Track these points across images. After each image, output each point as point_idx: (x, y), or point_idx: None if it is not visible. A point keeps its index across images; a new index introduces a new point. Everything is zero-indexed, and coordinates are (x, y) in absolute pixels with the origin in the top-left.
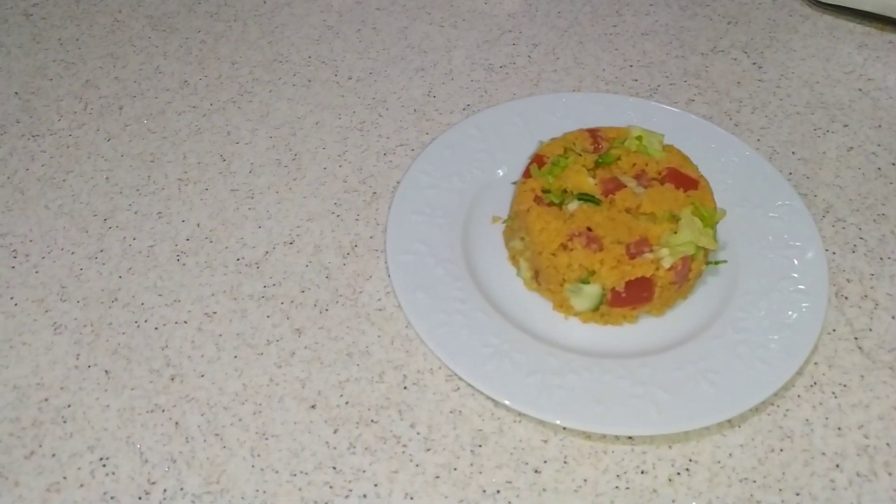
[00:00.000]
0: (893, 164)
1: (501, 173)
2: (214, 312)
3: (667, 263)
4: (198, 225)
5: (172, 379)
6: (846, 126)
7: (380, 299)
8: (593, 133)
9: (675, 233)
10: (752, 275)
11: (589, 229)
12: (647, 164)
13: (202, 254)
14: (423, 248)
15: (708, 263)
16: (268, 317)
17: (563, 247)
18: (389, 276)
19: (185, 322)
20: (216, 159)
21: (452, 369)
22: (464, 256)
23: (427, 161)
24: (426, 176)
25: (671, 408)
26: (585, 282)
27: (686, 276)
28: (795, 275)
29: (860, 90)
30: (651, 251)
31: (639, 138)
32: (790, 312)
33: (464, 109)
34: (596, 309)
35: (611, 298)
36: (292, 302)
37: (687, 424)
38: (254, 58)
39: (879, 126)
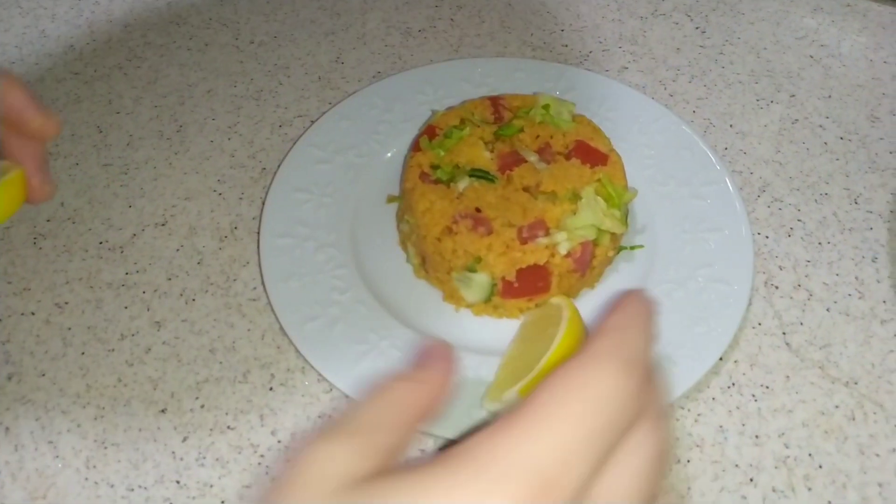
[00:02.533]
0: (841, 139)
1: (405, 148)
2: (66, 303)
3: (563, 249)
4: (62, 204)
5: (10, 378)
6: (793, 96)
7: (255, 288)
8: (495, 101)
9: (575, 214)
10: (670, 262)
11: (478, 210)
12: (552, 137)
13: (62, 236)
14: (303, 231)
15: (621, 249)
16: (125, 308)
17: (449, 230)
18: (259, 261)
19: (33, 313)
20: (92, 131)
21: (318, 370)
22: (350, 240)
23: (320, 133)
24: (317, 150)
25: None
26: (473, 270)
27: (588, 263)
28: (716, 262)
29: (811, 57)
30: (547, 235)
31: (546, 107)
32: (707, 304)
33: (373, 77)
34: (488, 300)
35: (503, 289)
36: (155, 291)
37: None
38: (149, 20)
39: (829, 96)
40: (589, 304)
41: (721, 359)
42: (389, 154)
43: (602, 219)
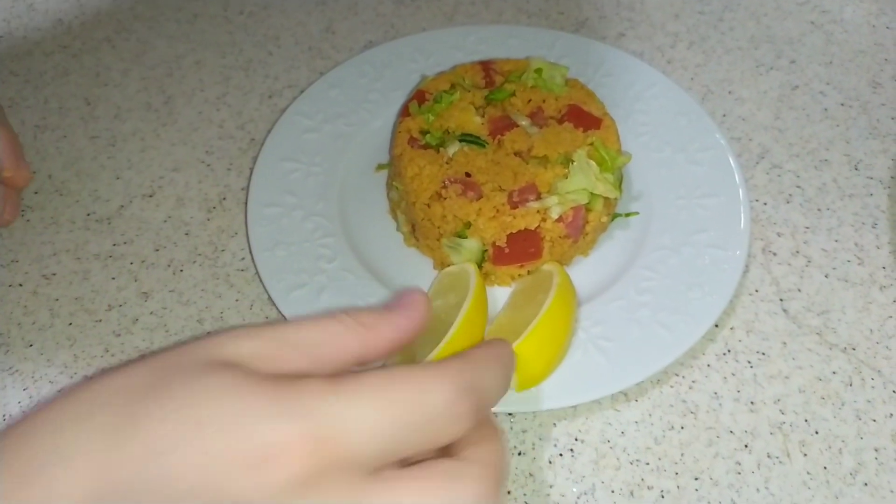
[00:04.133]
0: (842, 105)
1: (394, 116)
2: (53, 274)
3: (555, 214)
4: (49, 176)
5: None
6: (793, 62)
7: (243, 258)
8: (486, 66)
9: (567, 178)
10: (665, 228)
11: (468, 175)
12: (544, 101)
13: (49, 208)
14: (291, 200)
15: (616, 216)
16: (113, 279)
17: (438, 195)
18: (247, 230)
19: (21, 285)
20: (80, 103)
21: None
22: (339, 209)
23: (308, 101)
24: (305, 118)
25: (557, 380)
26: (463, 236)
27: (581, 228)
28: (712, 228)
29: (812, 23)
30: (538, 200)
31: (538, 71)
32: (702, 271)
33: (365, 47)
34: (479, 267)
35: (493, 255)
36: (143, 262)
37: (573, 398)
38: None
39: (830, 63)
40: (582, 271)
41: (716, 325)
42: (379, 123)
43: (594, 183)
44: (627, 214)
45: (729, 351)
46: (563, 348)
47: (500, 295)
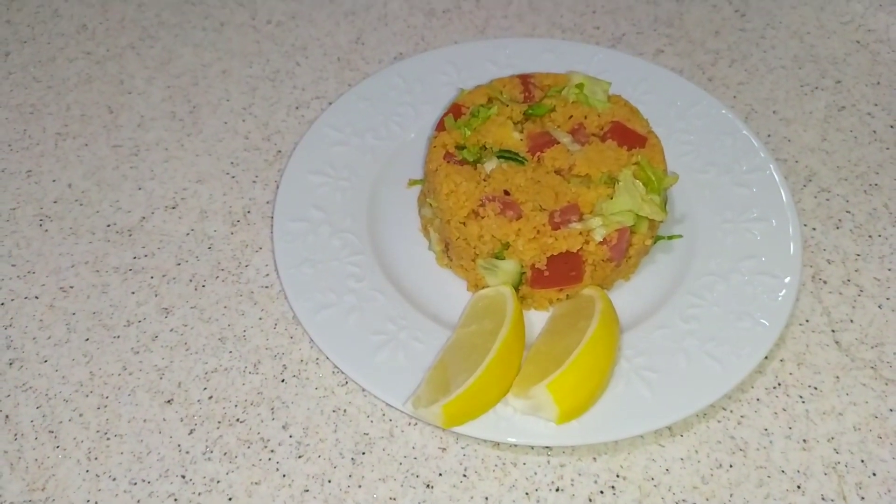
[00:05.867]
0: (892, 127)
1: (426, 130)
2: (71, 287)
3: (598, 236)
4: (69, 185)
5: (11, 364)
6: (839, 83)
7: (268, 275)
8: (525, 80)
9: (612, 199)
10: (711, 253)
11: (507, 193)
12: (586, 117)
13: (69, 218)
14: (318, 215)
15: (658, 238)
16: (132, 293)
17: (475, 214)
18: (273, 245)
19: (37, 297)
20: (102, 111)
21: (332, 360)
22: (368, 226)
23: (337, 114)
24: (334, 131)
25: (598, 412)
26: (500, 257)
27: (625, 251)
28: (762, 254)
29: (858, 42)
30: (580, 221)
31: (580, 86)
32: (752, 299)
33: (395, 59)
34: (516, 290)
35: (532, 277)
36: (164, 276)
37: (615, 433)
38: None
39: (878, 83)
40: (624, 296)
41: (766, 357)
42: (411, 136)
43: (640, 204)
44: (671, 237)
45: (779, 384)
46: (605, 379)
47: (536, 319)
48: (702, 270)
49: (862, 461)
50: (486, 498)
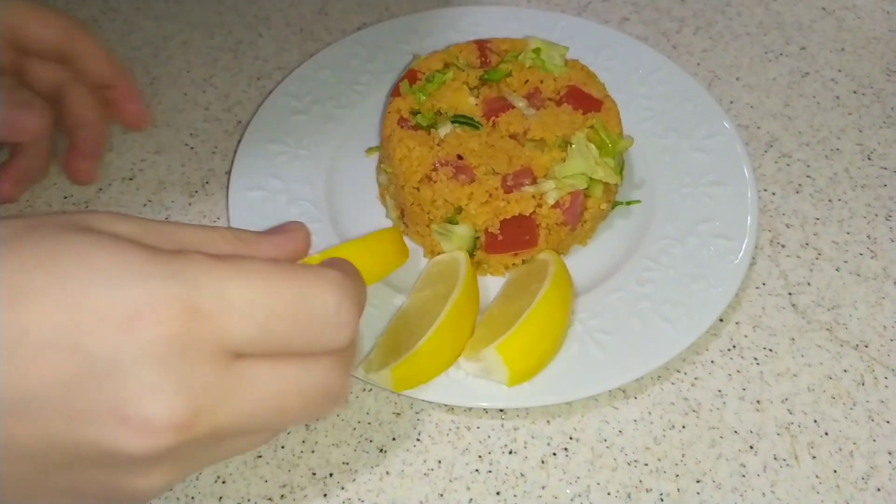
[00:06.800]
0: (854, 93)
1: (386, 98)
2: None
3: (551, 199)
4: None
5: None
6: (803, 49)
7: None
8: (482, 45)
9: (565, 162)
10: (668, 217)
11: (460, 157)
12: (542, 82)
13: (26, 191)
14: (276, 184)
15: (616, 204)
16: None
17: (428, 178)
18: (228, 214)
19: None
20: None
21: None
22: (326, 194)
23: (297, 82)
24: (293, 100)
25: (550, 374)
26: (454, 221)
27: (579, 215)
28: (719, 218)
29: (824, 9)
30: (533, 184)
31: (536, 51)
32: (707, 262)
33: (358, 29)
34: (471, 255)
35: (486, 242)
36: None
37: (568, 394)
38: None
39: (842, 49)
40: (580, 261)
41: (721, 319)
42: (371, 105)
43: (594, 167)
44: (629, 203)
45: (734, 347)
46: (557, 341)
47: (493, 285)
48: (659, 234)
49: (815, 421)
50: (439, 461)
